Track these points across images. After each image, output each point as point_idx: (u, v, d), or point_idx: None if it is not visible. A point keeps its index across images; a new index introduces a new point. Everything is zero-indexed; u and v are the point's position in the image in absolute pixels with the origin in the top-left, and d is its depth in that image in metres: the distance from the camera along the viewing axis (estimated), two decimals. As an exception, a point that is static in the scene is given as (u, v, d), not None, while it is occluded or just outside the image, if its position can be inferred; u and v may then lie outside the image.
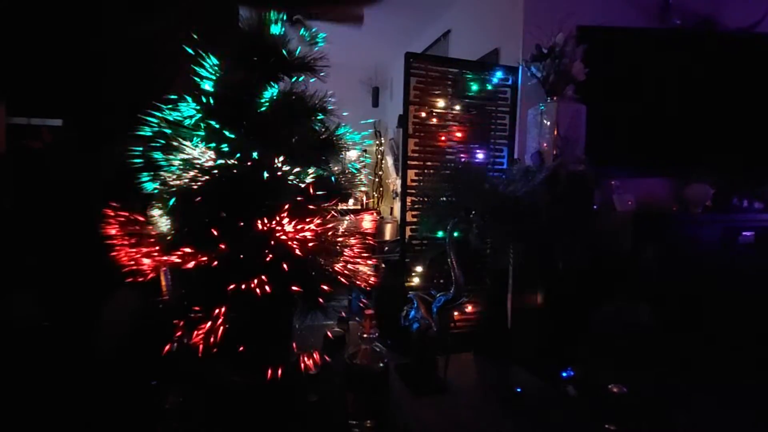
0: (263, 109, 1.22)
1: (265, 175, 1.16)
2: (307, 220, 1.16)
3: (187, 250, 1.09)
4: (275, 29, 1.27)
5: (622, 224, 2.10)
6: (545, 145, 1.96)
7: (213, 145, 1.15)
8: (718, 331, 1.97)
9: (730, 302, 2.00)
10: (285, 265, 1.08)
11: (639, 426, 1.33)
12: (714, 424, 1.45)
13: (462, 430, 1.27)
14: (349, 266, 1.25)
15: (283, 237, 1.11)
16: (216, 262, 1.08)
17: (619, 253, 2.01)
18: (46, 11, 1.80)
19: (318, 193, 1.24)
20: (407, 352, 1.62)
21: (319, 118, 1.32)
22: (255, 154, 1.16)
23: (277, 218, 1.13)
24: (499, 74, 2.18)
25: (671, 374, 1.63)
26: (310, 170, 1.24)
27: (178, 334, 1.10)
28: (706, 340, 1.92)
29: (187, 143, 1.15)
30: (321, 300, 1.15)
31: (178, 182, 1.14)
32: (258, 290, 1.05)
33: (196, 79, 1.18)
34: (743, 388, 1.75)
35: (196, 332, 1.06)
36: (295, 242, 1.11)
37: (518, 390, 1.49)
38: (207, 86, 1.19)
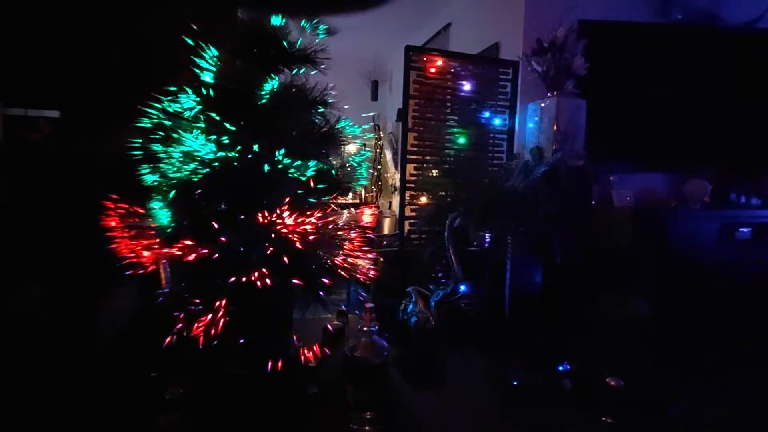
0: (263, 101, 1.22)
1: (266, 167, 1.15)
2: (308, 213, 1.16)
3: (188, 242, 1.09)
4: (275, 20, 1.26)
5: (620, 219, 2.11)
6: (545, 139, 1.96)
7: (213, 137, 1.14)
8: (715, 325, 1.98)
9: (727, 297, 2.01)
10: (285, 258, 1.08)
11: (636, 419, 1.35)
12: (710, 417, 1.47)
13: (460, 422, 1.28)
14: (349, 260, 1.25)
15: (284, 230, 1.11)
16: (216, 255, 1.08)
17: (617, 247, 2.02)
18: (42, 2, 1.78)
19: (318, 186, 1.23)
20: (406, 346, 1.63)
21: (319, 111, 1.31)
22: (255, 147, 1.15)
23: (278, 211, 1.13)
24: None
25: (668, 368, 1.65)
26: (311, 163, 1.24)
27: (179, 326, 1.11)
28: (703, 334, 1.93)
29: (187, 135, 1.14)
30: (321, 293, 1.15)
31: (178, 174, 1.14)
32: (258, 283, 1.05)
33: (196, 70, 1.17)
34: (739, 382, 1.78)
35: (196, 324, 1.06)
36: (295, 235, 1.11)
37: (515, 383, 1.50)
38: (207, 78, 1.18)
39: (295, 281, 1.10)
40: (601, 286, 1.80)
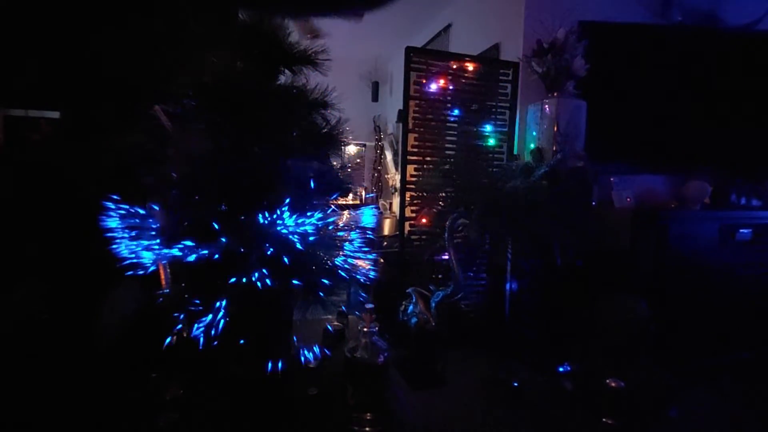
0: (264, 102, 1.22)
1: (266, 168, 1.16)
2: (308, 214, 1.16)
3: (188, 243, 1.09)
4: (276, 21, 1.26)
5: (620, 221, 2.11)
6: (545, 141, 1.96)
7: (214, 138, 1.15)
8: (715, 326, 1.98)
9: (727, 298, 2.01)
10: (285, 259, 1.08)
11: (636, 420, 1.35)
12: (710, 419, 1.47)
13: (460, 423, 1.28)
14: (350, 260, 1.25)
15: (284, 231, 1.11)
16: (216, 256, 1.08)
17: (617, 249, 2.02)
18: (43, 2, 1.78)
19: (319, 187, 1.24)
20: (406, 347, 1.63)
21: (320, 111, 1.31)
22: (256, 148, 1.15)
23: (278, 212, 1.13)
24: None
25: (669, 369, 1.65)
26: (311, 164, 1.24)
27: (179, 326, 1.11)
28: (703, 335, 1.93)
29: (188, 136, 1.14)
30: (321, 294, 1.15)
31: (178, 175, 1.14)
32: (258, 284, 1.05)
33: (197, 71, 1.17)
34: (739, 384, 1.77)
35: (196, 325, 1.06)
36: (295, 236, 1.12)
37: (515, 384, 1.50)
38: (208, 79, 1.18)
39: (295, 282, 1.10)
40: (601, 287, 1.80)
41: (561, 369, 1.62)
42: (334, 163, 1.37)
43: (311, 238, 1.15)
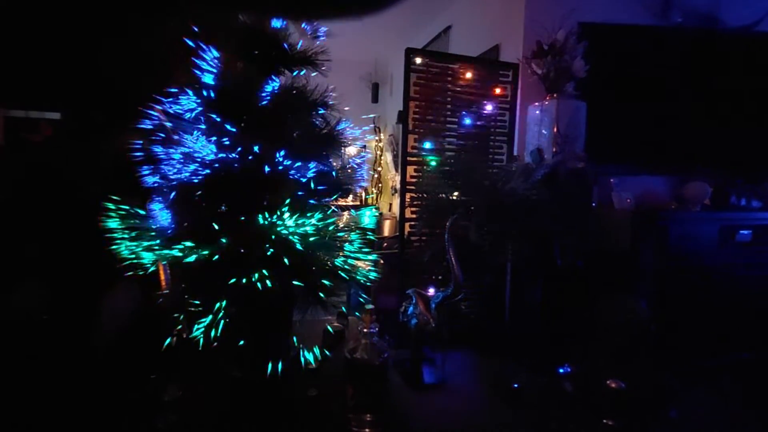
0: (264, 102, 1.22)
1: (267, 169, 1.16)
2: (308, 214, 1.16)
3: (188, 244, 1.09)
4: (276, 22, 1.26)
5: (620, 222, 2.10)
6: (545, 142, 1.96)
7: (214, 138, 1.15)
8: (715, 327, 1.98)
9: (727, 300, 2.01)
10: (286, 260, 1.08)
11: (636, 421, 1.35)
12: (710, 420, 1.46)
13: (459, 424, 1.28)
14: (350, 261, 1.25)
15: (284, 231, 1.11)
16: (216, 257, 1.08)
17: (617, 250, 2.01)
18: (43, 3, 1.78)
19: (319, 188, 1.24)
20: (406, 348, 1.62)
21: (319, 112, 1.31)
22: (256, 148, 1.15)
23: (278, 213, 1.13)
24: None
25: (669, 370, 1.65)
26: (311, 165, 1.24)
27: (179, 327, 1.11)
28: (703, 336, 1.93)
29: (188, 137, 1.14)
30: (321, 295, 1.15)
31: (178, 176, 1.14)
32: (258, 284, 1.05)
33: (197, 72, 1.17)
34: (739, 385, 1.77)
35: (196, 326, 1.06)
36: (296, 237, 1.12)
37: (515, 385, 1.50)
38: (208, 79, 1.18)
39: (295, 283, 1.10)
40: (601, 288, 1.80)
41: (561, 370, 1.62)
42: (334, 164, 1.37)
43: (311, 239, 1.15)
